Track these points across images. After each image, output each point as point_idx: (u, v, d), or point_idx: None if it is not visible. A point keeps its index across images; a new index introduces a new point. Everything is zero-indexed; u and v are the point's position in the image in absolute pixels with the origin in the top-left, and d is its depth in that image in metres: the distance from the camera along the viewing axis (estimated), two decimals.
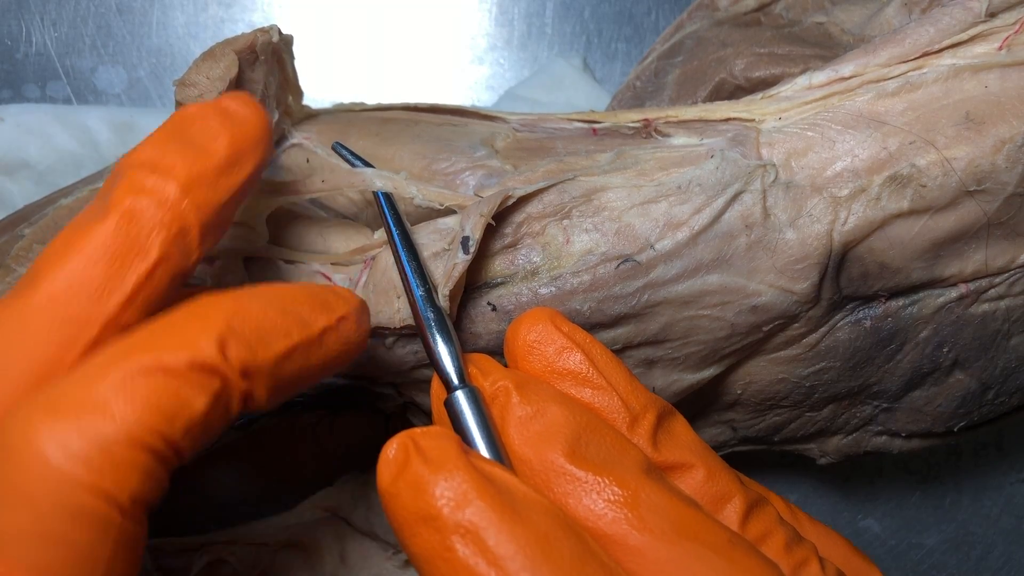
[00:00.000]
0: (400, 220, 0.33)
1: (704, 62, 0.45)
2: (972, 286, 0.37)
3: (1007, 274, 0.37)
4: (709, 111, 0.37)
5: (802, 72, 0.37)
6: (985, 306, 0.37)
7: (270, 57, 0.37)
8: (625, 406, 0.29)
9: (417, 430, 0.26)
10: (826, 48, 0.43)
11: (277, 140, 0.39)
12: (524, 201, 0.35)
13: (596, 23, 0.55)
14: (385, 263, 0.34)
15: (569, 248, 0.34)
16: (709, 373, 0.36)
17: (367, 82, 0.54)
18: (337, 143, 0.37)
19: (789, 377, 0.38)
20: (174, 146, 0.28)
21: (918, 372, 0.38)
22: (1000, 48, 0.35)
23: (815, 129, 0.35)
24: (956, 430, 0.40)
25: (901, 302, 0.37)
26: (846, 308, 0.37)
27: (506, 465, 0.27)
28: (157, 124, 0.31)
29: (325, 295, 0.29)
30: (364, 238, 0.37)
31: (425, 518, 0.24)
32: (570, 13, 0.55)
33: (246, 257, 0.39)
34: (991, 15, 0.35)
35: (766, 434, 0.40)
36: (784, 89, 0.37)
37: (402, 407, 0.40)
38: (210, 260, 0.39)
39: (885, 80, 0.35)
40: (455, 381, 0.29)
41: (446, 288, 0.32)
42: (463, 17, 0.55)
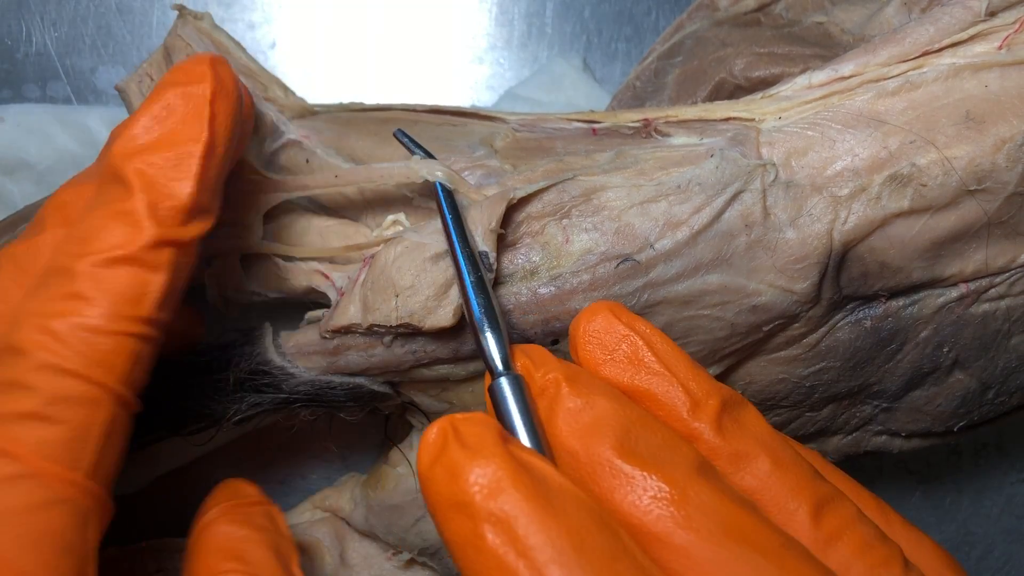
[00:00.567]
0: (455, 208, 0.33)
1: (704, 62, 0.45)
2: (972, 286, 0.37)
3: (1007, 274, 0.36)
4: (709, 111, 0.37)
5: (802, 72, 0.37)
6: (985, 306, 0.37)
7: (202, 41, 0.38)
8: (686, 392, 0.29)
9: (459, 415, 0.26)
10: (826, 48, 0.43)
11: (270, 132, 0.39)
12: (524, 200, 0.35)
13: (596, 23, 0.55)
14: (384, 261, 0.34)
15: (569, 247, 0.34)
16: (709, 373, 0.36)
17: (367, 82, 0.54)
18: (399, 130, 0.37)
19: (789, 377, 0.38)
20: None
21: (918, 372, 0.38)
22: (1000, 47, 0.35)
23: (815, 128, 0.35)
24: (956, 430, 0.40)
25: (901, 302, 0.37)
26: (846, 308, 0.37)
27: (546, 455, 0.27)
28: None
29: (184, 86, 0.31)
30: (362, 237, 0.37)
31: (458, 504, 0.24)
32: (570, 13, 0.55)
33: (243, 255, 0.39)
34: (991, 14, 0.35)
35: None
36: (784, 89, 0.37)
37: (401, 407, 0.40)
38: (208, 260, 0.39)
39: (885, 79, 0.35)
40: (499, 368, 0.29)
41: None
42: (463, 17, 0.54)
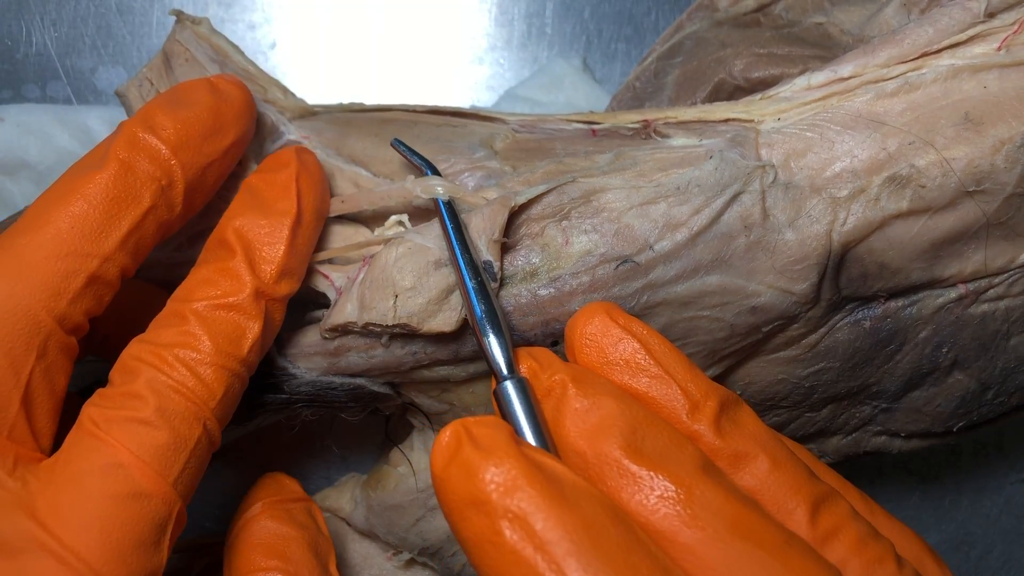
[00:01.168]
0: (456, 217, 0.34)
1: (703, 63, 0.45)
2: (971, 286, 0.37)
3: (1006, 274, 0.37)
4: (708, 112, 0.37)
5: (801, 73, 0.37)
6: (984, 306, 0.37)
7: (201, 46, 0.39)
8: (684, 394, 0.29)
9: (471, 419, 0.26)
10: (825, 49, 0.43)
11: (270, 133, 0.39)
12: (524, 204, 0.35)
13: (596, 23, 0.55)
14: (385, 261, 0.35)
15: (568, 249, 0.34)
16: (709, 374, 0.36)
17: (367, 82, 0.54)
18: (397, 140, 0.38)
19: (788, 378, 0.38)
20: (168, 111, 0.33)
21: (917, 372, 0.38)
22: (999, 48, 0.35)
23: (814, 130, 0.35)
24: (955, 430, 0.40)
25: (900, 302, 0.37)
26: (845, 309, 0.37)
27: (553, 455, 0.27)
28: None
29: (267, 163, 0.36)
30: (363, 238, 0.37)
31: (475, 503, 0.25)
32: (570, 13, 0.55)
33: None
34: (990, 15, 0.35)
35: None
36: (783, 90, 0.37)
37: (402, 408, 0.40)
38: None
39: (884, 80, 0.35)
40: (504, 371, 0.30)
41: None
42: (463, 17, 0.55)
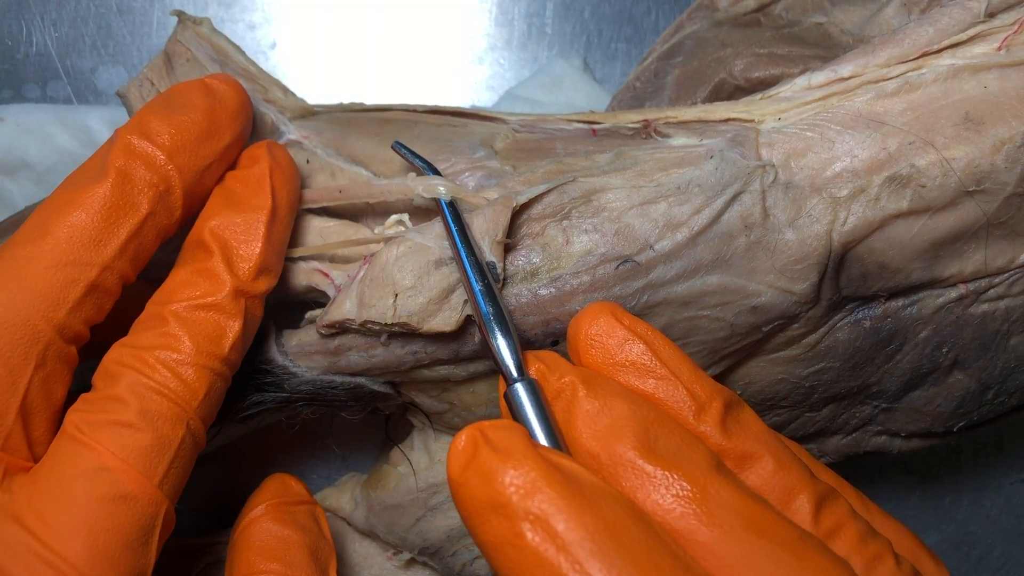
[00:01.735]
0: (459, 218, 0.34)
1: (704, 62, 0.45)
2: (971, 286, 0.37)
3: (1006, 274, 0.37)
4: (708, 112, 0.37)
5: (801, 73, 0.37)
6: (984, 306, 0.37)
7: (202, 46, 0.39)
8: (691, 395, 0.29)
9: (486, 423, 0.26)
10: (825, 49, 0.43)
11: (270, 133, 0.39)
12: (525, 203, 0.35)
13: (596, 23, 0.55)
14: (386, 260, 0.35)
15: (569, 249, 0.34)
16: (709, 373, 0.36)
17: (367, 82, 0.54)
18: (397, 142, 0.38)
19: (789, 377, 0.38)
20: (163, 116, 0.33)
21: (918, 372, 0.38)
22: (999, 48, 0.35)
23: (814, 129, 0.35)
24: (956, 430, 0.40)
25: (901, 302, 0.37)
26: (846, 308, 0.37)
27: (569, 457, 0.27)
28: None
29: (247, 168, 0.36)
30: (362, 236, 0.37)
31: (495, 506, 0.25)
32: (570, 13, 0.55)
33: None
34: (990, 15, 0.35)
35: None
36: (783, 89, 0.37)
37: (402, 407, 0.40)
38: None
39: (884, 80, 0.35)
40: (514, 374, 0.30)
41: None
42: (463, 17, 0.54)
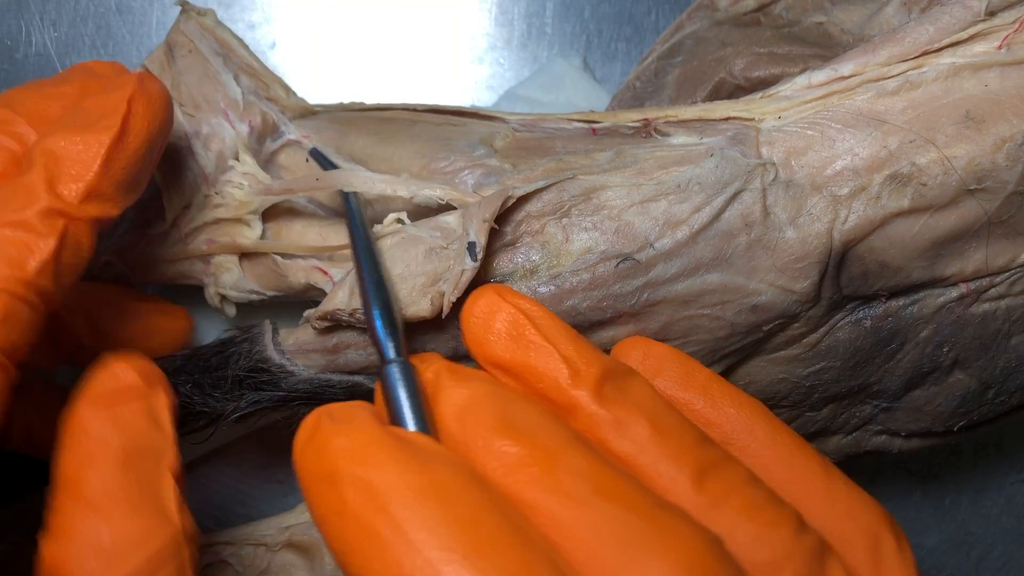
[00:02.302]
0: (359, 210, 0.35)
1: (704, 62, 0.45)
2: (972, 285, 0.37)
3: (1008, 273, 0.36)
4: (708, 110, 0.37)
5: (802, 72, 0.37)
6: (985, 305, 0.37)
7: (202, 36, 0.39)
8: (566, 362, 0.29)
9: (335, 403, 0.26)
10: (826, 48, 0.43)
11: (270, 131, 0.39)
12: (523, 200, 0.35)
13: (596, 23, 0.55)
14: (378, 251, 0.34)
15: (568, 247, 0.34)
16: None
17: (367, 82, 0.54)
18: (314, 148, 0.39)
19: (789, 377, 0.38)
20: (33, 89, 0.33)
21: (918, 372, 0.38)
22: (1000, 47, 0.35)
23: (815, 128, 0.35)
24: (956, 429, 0.40)
25: (901, 301, 0.37)
26: (846, 308, 0.37)
27: (432, 435, 0.27)
28: None
29: (99, 88, 0.33)
30: None
31: (325, 475, 0.24)
32: (570, 13, 0.55)
33: (241, 253, 0.39)
34: (990, 14, 0.35)
35: None
36: (784, 88, 0.37)
37: None
38: (206, 259, 0.39)
39: (885, 79, 0.35)
40: (390, 355, 0.30)
41: (453, 295, 0.32)
42: (463, 17, 0.54)
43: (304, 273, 0.37)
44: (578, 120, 0.39)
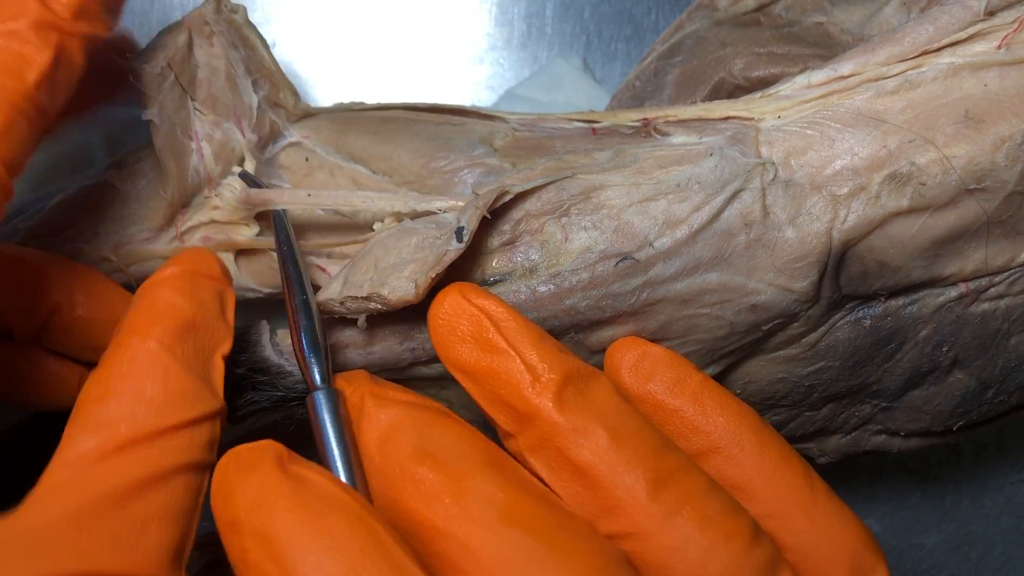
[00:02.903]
0: (285, 223, 0.36)
1: (703, 62, 0.45)
2: (972, 285, 0.37)
3: (1007, 273, 0.36)
4: (708, 110, 0.37)
5: (801, 71, 0.37)
6: (985, 305, 0.37)
7: (228, 30, 0.38)
8: (527, 367, 0.29)
9: (246, 444, 0.27)
10: (825, 48, 0.43)
11: (273, 137, 0.39)
12: (522, 198, 0.35)
13: (596, 23, 0.55)
14: (373, 243, 0.35)
15: (568, 246, 0.34)
16: (708, 372, 0.36)
17: (367, 82, 0.54)
18: (243, 171, 0.39)
19: (788, 376, 0.38)
20: None
21: (917, 371, 0.38)
22: (999, 47, 0.35)
23: (814, 127, 0.35)
24: (955, 429, 0.40)
25: (901, 301, 0.37)
26: (846, 307, 0.37)
27: (355, 464, 0.28)
28: None
29: None
30: (362, 234, 0.37)
31: (230, 524, 0.26)
32: (570, 13, 0.55)
33: (237, 252, 0.39)
34: (990, 13, 0.35)
35: None
36: (783, 88, 0.37)
37: None
38: None
39: (884, 79, 0.35)
40: (317, 382, 0.31)
41: (433, 271, 0.32)
42: (463, 17, 0.55)
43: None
44: (578, 120, 0.39)
